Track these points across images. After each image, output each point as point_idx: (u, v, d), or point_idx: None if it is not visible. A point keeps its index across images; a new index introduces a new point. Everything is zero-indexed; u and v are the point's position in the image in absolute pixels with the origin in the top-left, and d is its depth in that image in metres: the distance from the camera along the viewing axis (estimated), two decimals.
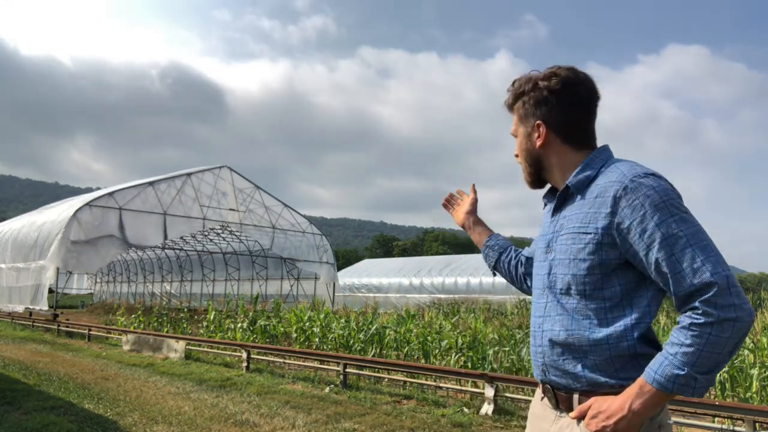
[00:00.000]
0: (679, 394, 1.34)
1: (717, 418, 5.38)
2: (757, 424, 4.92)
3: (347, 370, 7.85)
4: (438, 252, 74.22)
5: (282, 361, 9.43)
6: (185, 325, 13.75)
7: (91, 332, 13.81)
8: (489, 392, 6.34)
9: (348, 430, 5.55)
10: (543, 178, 1.69)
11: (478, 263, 32.49)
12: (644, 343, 1.44)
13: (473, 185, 2.10)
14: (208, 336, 12.17)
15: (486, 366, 7.76)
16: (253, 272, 29.65)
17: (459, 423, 5.87)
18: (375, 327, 9.82)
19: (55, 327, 15.27)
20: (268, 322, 11.96)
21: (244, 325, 11.99)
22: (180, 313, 15.13)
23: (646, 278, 1.45)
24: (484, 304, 21.79)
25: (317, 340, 10.50)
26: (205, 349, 10.74)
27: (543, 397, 1.63)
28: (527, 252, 1.92)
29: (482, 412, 6.26)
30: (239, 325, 12.05)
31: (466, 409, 6.41)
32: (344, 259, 58.99)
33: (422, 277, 33.00)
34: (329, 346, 10.20)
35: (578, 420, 1.47)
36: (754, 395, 6.19)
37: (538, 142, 1.62)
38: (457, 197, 2.13)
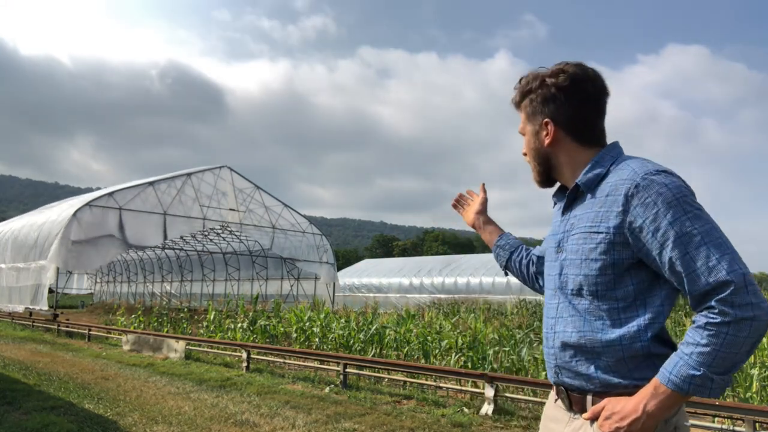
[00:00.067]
0: (696, 395, 1.31)
1: (717, 418, 5.38)
2: (757, 424, 4.92)
3: (347, 370, 7.85)
4: (438, 252, 74.25)
5: (282, 361, 9.43)
6: (185, 325, 13.75)
7: (91, 332, 13.81)
8: (489, 392, 6.34)
9: (348, 430, 5.55)
10: (552, 176, 1.66)
11: (478, 263, 32.52)
12: (658, 343, 1.42)
13: (483, 185, 2.07)
14: (208, 336, 12.17)
15: (486, 366, 7.76)
16: (253, 272, 29.65)
17: (459, 423, 5.87)
18: (375, 327, 9.82)
19: (55, 327, 15.28)
20: (268, 322, 11.96)
21: (244, 325, 11.99)
22: (180, 313, 15.14)
23: (660, 277, 1.42)
24: (484, 304, 21.79)
25: (317, 340, 10.50)
26: (205, 349, 10.74)
27: (557, 399, 1.60)
28: (538, 251, 1.89)
29: (482, 412, 6.26)
30: (239, 325, 12.05)
31: (466, 409, 6.41)
32: (344, 259, 59.02)
33: (422, 277, 33.01)
34: (329, 346, 10.20)
35: (591, 421, 1.45)
36: (754, 395, 6.19)
37: (547, 141, 1.59)
38: (467, 197, 2.10)
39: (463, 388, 7.10)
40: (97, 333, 13.87)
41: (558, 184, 1.68)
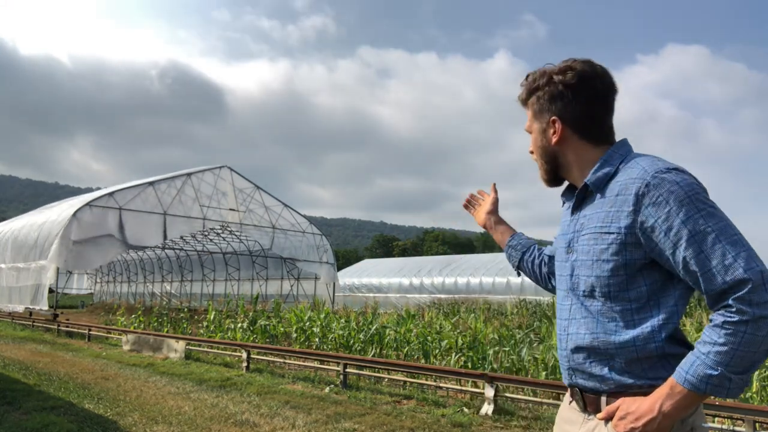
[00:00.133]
0: (713, 395, 1.28)
1: (717, 418, 5.38)
2: (757, 424, 4.92)
3: (347, 370, 7.85)
4: (438, 252, 74.26)
5: (282, 361, 9.43)
6: (185, 325, 13.75)
7: (91, 332, 13.81)
8: (489, 392, 6.34)
9: (348, 430, 5.55)
10: (560, 175, 1.63)
11: (478, 263, 32.54)
12: (673, 343, 1.39)
13: (494, 185, 2.04)
14: (208, 336, 12.17)
15: (486, 366, 7.76)
16: (253, 272, 29.65)
17: (459, 423, 5.87)
18: (375, 327, 9.82)
19: (55, 327, 15.27)
20: (268, 322, 11.97)
21: (244, 325, 11.99)
22: (180, 313, 15.14)
23: (673, 277, 1.39)
24: (484, 304, 21.79)
25: (317, 340, 10.50)
26: (205, 349, 10.74)
27: (571, 401, 1.58)
28: (549, 251, 1.86)
29: (482, 412, 6.26)
30: (239, 325, 12.06)
31: (466, 409, 6.41)
32: (344, 259, 59.04)
33: (422, 277, 33.01)
34: (329, 346, 10.20)
35: (606, 422, 1.42)
36: (754, 395, 6.19)
37: (554, 139, 1.56)
38: (478, 197, 2.07)
39: (463, 388, 7.10)
40: (97, 333, 13.87)
41: (566, 183, 1.66)
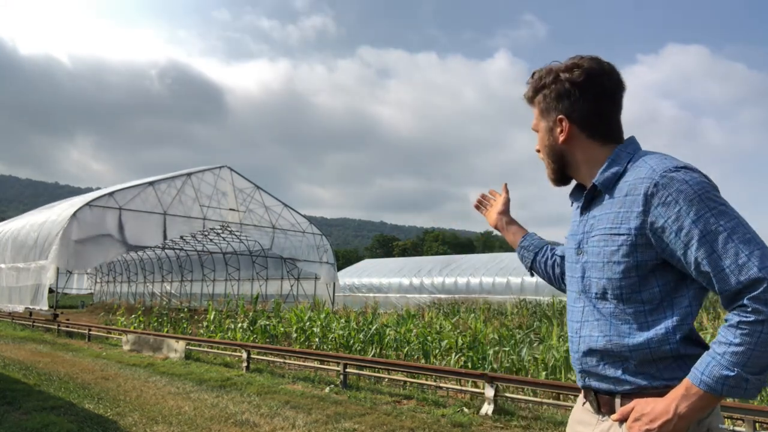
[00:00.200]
0: (730, 396, 1.25)
1: None
2: (757, 424, 4.92)
3: (347, 370, 7.85)
4: (438, 252, 74.27)
5: (282, 361, 9.43)
6: (185, 325, 13.75)
7: (91, 332, 13.81)
8: (489, 392, 6.34)
9: (348, 430, 5.56)
10: (567, 174, 1.60)
11: (478, 263, 32.56)
12: (688, 344, 1.37)
13: (505, 185, 2.01)
14: (208, 336, 12.18)
15: (486, 366, 7.76)
16: (253, 272, 29.66)
17: (459, 423, 5.87)
18: (375, 327, 9.83)
19: (55, 327, 15.27)
20: (268, 322, 11.97)
21: (244, 325, 11.99)
22: (180, 313, 15.15)
23: (686, 277, 1.37)
24: (484, 304, 21.81)
25: (317, 340, 10.51)
26: (205, 349, 10.74)
27: (584, 402, 1.56)
28: (561, 251, 1.82)
29: (482, 412, 6.26)
30: (239, 325, 12.06)
31: (466, 409, 6.41)
32: (344, 259, 59.04)
33: (422, 277, 33.02)
34: (329, 346, 10.21)
35: (620, 423, 1.40)
36: None
37: (561, 138, 1.53)
38: (489, 197, 2.04)
39: (463, 388, 7.10)
40: (97, 333, 13.87)
41: (574, 183, 1.63)
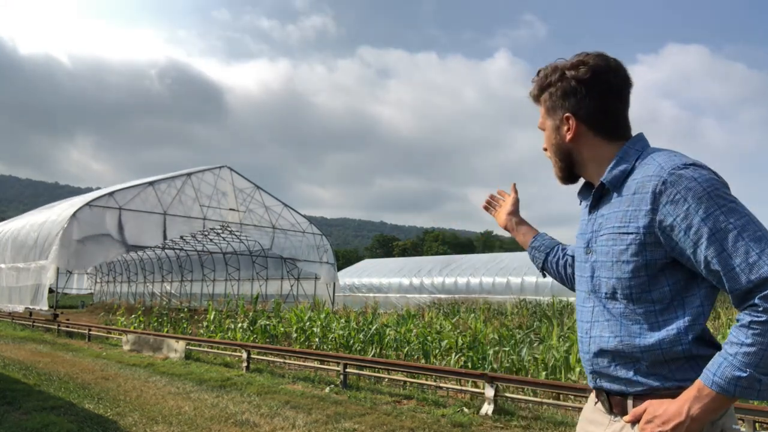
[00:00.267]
0: (743, 397, 1.24)
1: None
2: (757, 424, 4.92)
3: (347, 370, 7.85)
4: (438, 252, 74.26)
5: (282, 361, 9.43)
6: (185, 325, 13.75)
7: (91, 332, 13.81)
8: (489, 392, 6.34)
9: (348, 430, 5.56)
10: (575, 172, 1.58)
11: (478, 263, 32.56)
12: (701, 345, 1.35)
13: (514, 184, 1.99)
14: (208, 336, 12.17)
15: (486, 366, 7.76)
16: (253, 272, 29.66)
17: (459, 423, 5.87)
18: (375, 327, 9.83)
19: (55, 327, 15.27)
20: (268, 322, 11.97)
21: (244, 325, 11.99)
22: (180, 313, 15.15)
23: (697, 276, 1.35)
24: (484, 304, 21.81)
25: (317, 340, 10.51)
26: (205, 349, 10.74)
27: (596, 402, 1.54)
28: (572, 250, 1.80)
29: (482, 412, 6.26)
30: (239, 325, 12.06)
31: (466, 409, 6.41)
32: (344, 259, 59.03)
33: (422, 277, 33.03)
34: (329, 346, 10.21)
35: (632, 424, 1.38)
36: None
37: (568, 136, 1.52)
38: (498, 198, 2.02)
39: (463, 388, 7.11)
40: (97, 333, 13.87)
41: (582, 181, 1.61)
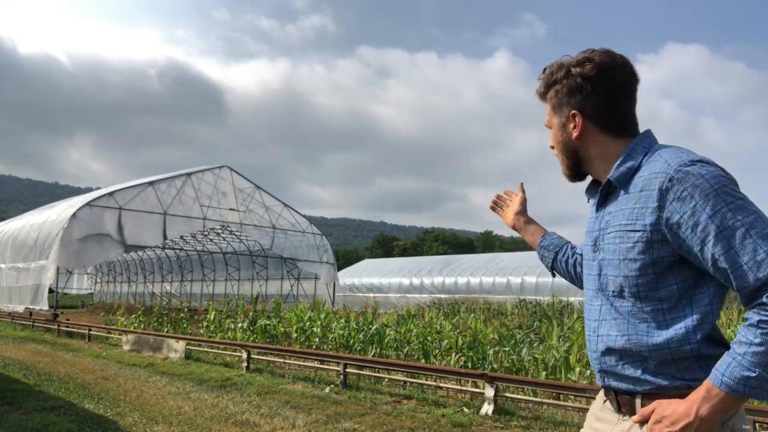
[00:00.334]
0: (752, 397, 1.23)
1: None
2: (757, 424, 4.92)
3: (347, 370, 7.85)
4: (438, 252, 74.26)
5: (282, 361, 9.43)
6: (185, 325, 13.75)
7: (91, 332, 13.81)
8: (489, 392, 6.34)
9: (348, 430, 5.56)
10: (582, 170, 1.57)
11: (478, 263, 32.57)
12: (710, 344, 1.33)
13: (521, 184, 1.98)
14: (208, 336, 12.18)
15: (486, 366, 7.76)
16: (253, 272, 29.66)
17: (459, 423, 5.87)
18: (375, 327, 9.83)
19: (55, 327, 15.27)
20: (268, 322, 11.97)
21: (244, 325, 11.99)
22: (180, 313, 15.14)
23: (705, 274, 1.33)
24: (484, 304, 21.80)
25: (317, 340, 10.50)
26: (205, 349, 10.74)
27: (605, 401, 1.53)
28: (581, 249, 1.79)
29: (482, 412, 6.26)
30: (239, 325, 12.06)
31: (466, 409, 6.41)
32: (344, 259, 59.03)
33: (422, 277, 33.03)
34: (329, 346, 10.21)
35: (641, 424, 1.37)
36: None
37: (575, 133, 1.51)
38: (505, 198, 2.01)
39: (463, 388, 7.11)
40: (97, 333, 13.87)
41: (590, 179, 1.60)
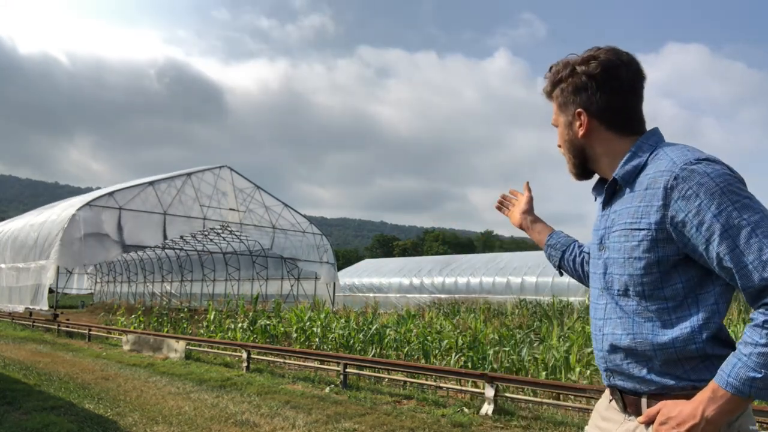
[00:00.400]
0: (759, 398, 1.22)
1: None
2: (757, 424, 4.92)
3: (347, 370, 7.85)
4: (438, 252, 74.25)
5: (282, 361, 9.43)
6: (185, 325, 13.75)
7: (91, 332, 13.81)
8: (489, 392, 6.34)
9: (348, 430, 5.55)
10: (589, 168, 1.57)
11: (478, 263, 32.57)
12: (716, 344, 1.32)
13: (527, 183, 1.98)
14: (209, 336, 12.17)
15: (486, 366, 7.76)
16: (254, 272, 29.66)
17: (459, 423, 5.87)
18: (375, 327, 9.83)
19: (56, 327, 15.27)
20: (268, 322, 11.96)
21: (244, 325, 11.99)
22: (180, 313, 15.14)
23: (711, 273, 1.32)
24: (484, 304, 21.79)
25: (317, 340, 10.50)
26: (206, 349, 10.74)
27: (611, 400, 1.53)
28: (588, 247, 1.79)
29: (482, 412, 6.26)
30: (239, 325, 12.06)
31: (466, 409, 6.41)
32: (344, 259, 59.02)
33: (422, 277, 33.03)
34: (329, 346, 10.21)
35: (646, 425, 1.37)
36: None
37: (581, 132, 1.51)
38: (510, 197, 2.01)
39: (463, 388, 7.10)
40: (97, 333, 13.87)
41: (596, 177, 1.60)
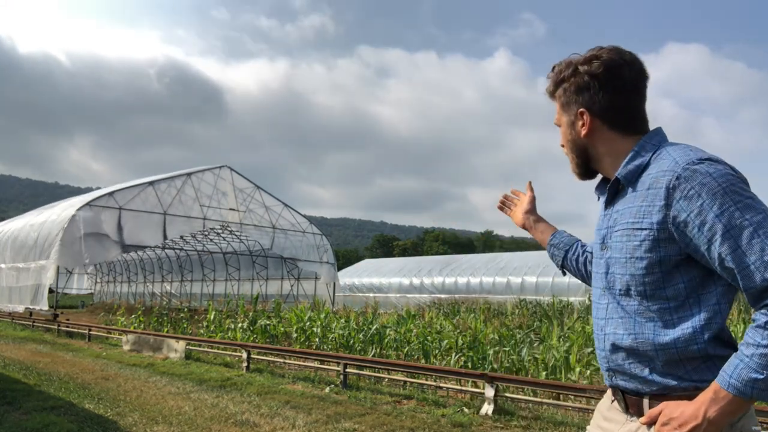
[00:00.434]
0: (760, 399, 1.23)
1: None
2: (760, 425, 4.91)
3: (347, 370, 7.85)
4: (438, 252, 74.26)
5: (282, 361, 9.43)
6: (185, 325, 13.75)
7: (91, 332, 13.81)
8: (489, 392, 6.34)
9: (348, 430, 5.55)
10: (592, 168, 1.57)
11: (478, 263, 32.57)
12: (718, 345, 1.32)
13: (529, 183, 1.98)
14: (209, 336, 12.17)
15: (486, 366, 7.76)
16: (254, 272, 29.66)
17: (459, 423, 5.87)
18: (375, 327, 9.82)
19: (56, 327, 15.27)
20: (268, 322, 11.96)
21: (244, 325, 11.99)
22: (180, 313, 15.14)
23: (713, 273, 1.32)
24: (484, 304, 21.78)
25: (317, 340, 10.50)
26: (206, 349, 10.74)
27: (613, 400, 1.53)
28: (590, 247, 1.78)
29: (482, 412, 6.26)
30: (239, 325, 12.06)
31: (466, 409, 6.41)
32: (344, 259, 59.02)
33: (422, 277, 33.03)
34: (329, 346, 10.20)
35: (648, 426, 1.36)
36: None
37: (583, 131, 1.51)
38: (512, 197, 2.02)
39: (463, 388, 7.10)
40: (97, 333, 13.86)
41: (599, 177, 1.60)
